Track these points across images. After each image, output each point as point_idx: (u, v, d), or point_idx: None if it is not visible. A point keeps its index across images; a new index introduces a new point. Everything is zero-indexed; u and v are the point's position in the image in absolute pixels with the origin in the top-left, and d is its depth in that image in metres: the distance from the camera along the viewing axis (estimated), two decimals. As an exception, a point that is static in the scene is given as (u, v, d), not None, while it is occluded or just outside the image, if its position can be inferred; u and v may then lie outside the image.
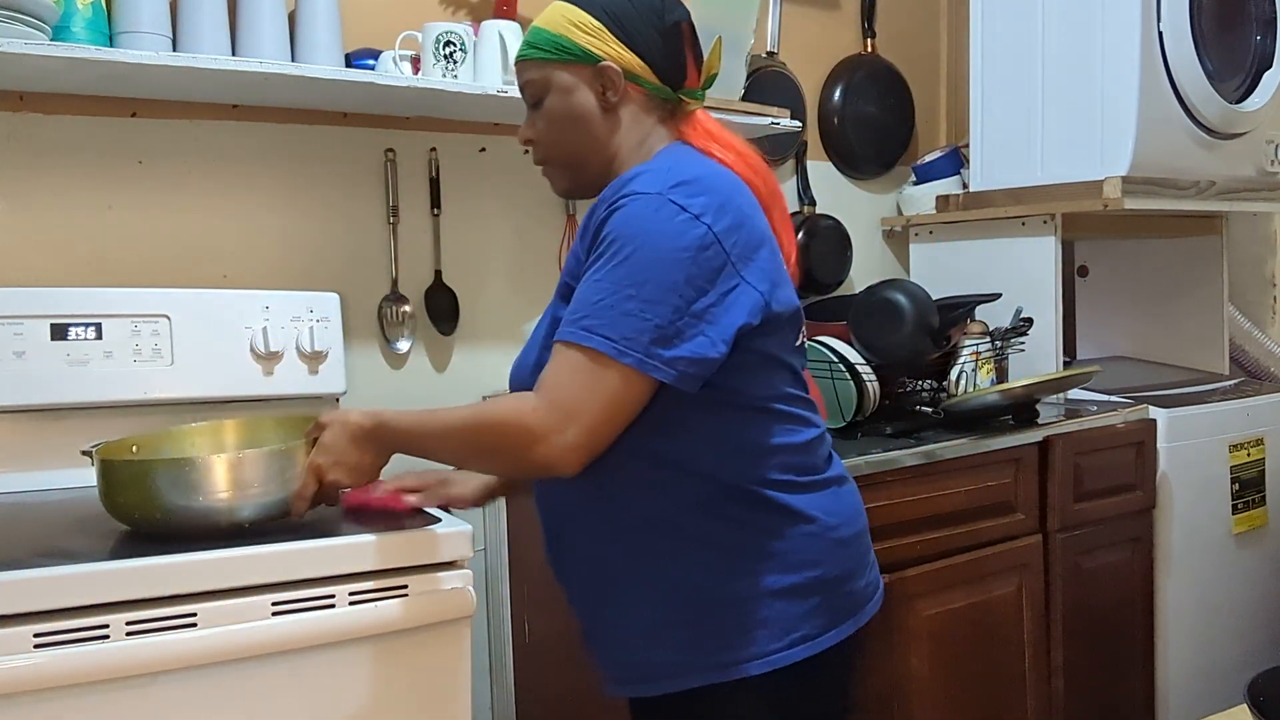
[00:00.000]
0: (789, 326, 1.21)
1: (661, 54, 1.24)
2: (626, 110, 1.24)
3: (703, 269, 1.10)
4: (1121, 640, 2.04)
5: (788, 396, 1.21)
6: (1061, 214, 2.16)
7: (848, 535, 1.23)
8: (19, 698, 1.06)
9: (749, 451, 1.17)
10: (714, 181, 1.16)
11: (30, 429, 1.58)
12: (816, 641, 1.17)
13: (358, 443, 1.21)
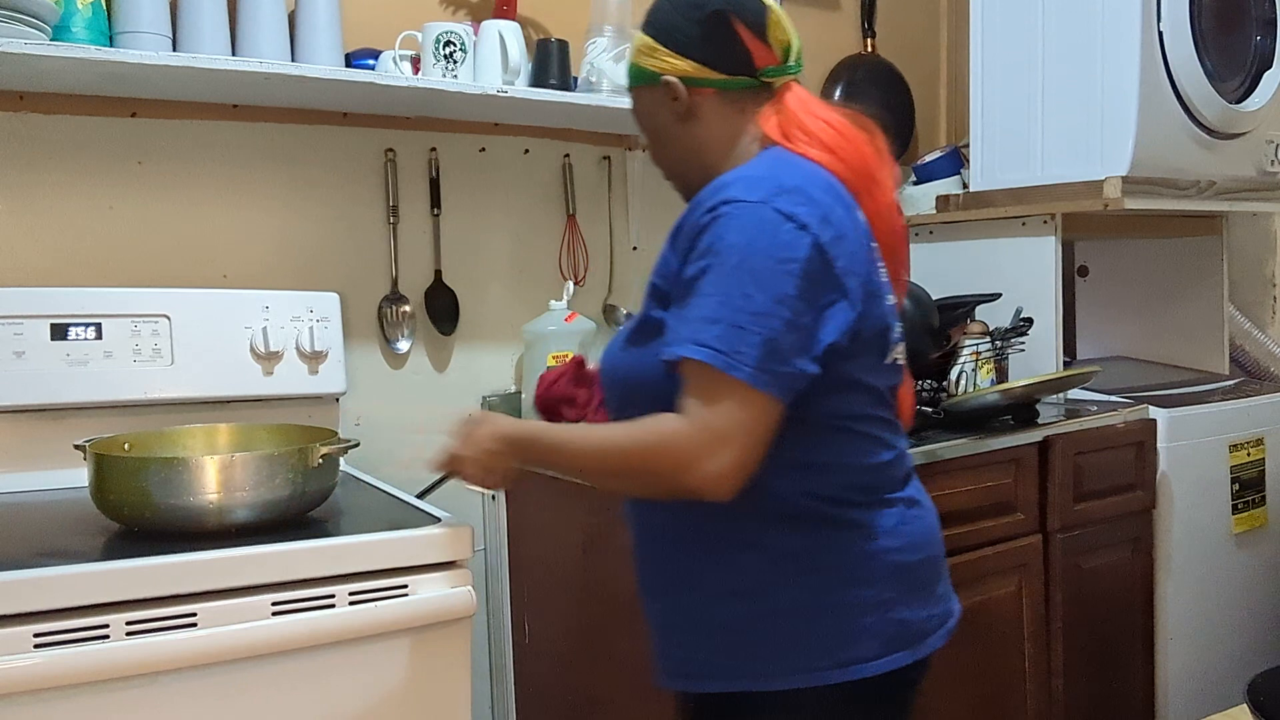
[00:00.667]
0: (874, 346, 1.17)
1: (712, 48, 1.21)
2: (702, 115, 1.23)
3: (809, 281, 1.07)
4: (1121, 640, 2.04)
5: (865, 418, 1.17)
6: (1061, 214, 2.15)
7: (911, 560, 1.18)
8: (19, 698, 1.06)
9: (815, 468, 1.15)
10: (814, 191, 1.12)
11: (30, 429, 1.58)
12: (865, 666, 1.13)
13: (500, 447, 1.21)
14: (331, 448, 1.33)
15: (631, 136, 2.18)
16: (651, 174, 2.21)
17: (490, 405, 2.02)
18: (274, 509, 1.28)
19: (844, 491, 1.15)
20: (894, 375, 1.22)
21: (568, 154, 2.13)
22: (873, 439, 1.18)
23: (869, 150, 1.22)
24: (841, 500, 1.15)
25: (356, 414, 1.90)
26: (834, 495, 1.15)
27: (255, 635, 1.17)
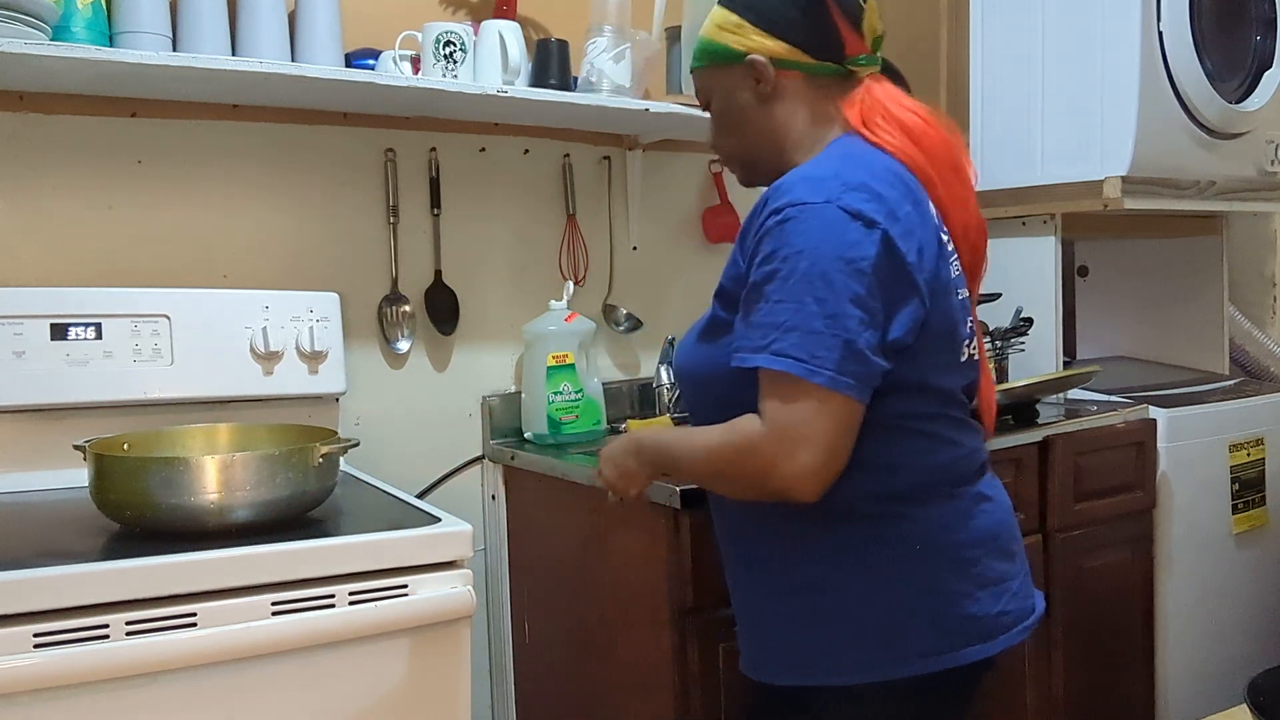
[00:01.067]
0: (943, 344, 1.16)
1: (807, 32, 1.20)
2: (786, 97, 1.22)
3: (880, 278, 1.08)
4: (1121, 640, 2.04)
5: (931, 417, 1.17)
6: (1061, 214, 2.16)
7: (977, 555, 1.17)
8: (19, 698, 1.06)
9: (877, 468, 1.14)
10: (880, 186, 1.12)
11: (30, 429, 1.58)
12: (928, 660, 1.13)
13: (632, 462, 1.29)
14: (331, 447, 1.33)
15: (631, 137, 2.18)
16: (651, 174, 2.23)
17: (490, 406, 2.02)
18: (274, 509, 1.28)
19: (906, 489, 1.15)
20: (967, 373, 1.22)
21: (568, 154, 2.13)
22: (938, 438, 1.17)
23: (952, 141, 1.21)
24: (903, 498, 1.15)
25: (356, 414, 1.90)
26: (896, 493, 1.15)
27: (255, 635, 1.17)
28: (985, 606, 1.16)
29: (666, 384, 2.16)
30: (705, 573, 1.53)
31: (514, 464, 1.94)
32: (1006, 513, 1.24)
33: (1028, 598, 1.23)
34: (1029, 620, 1.22)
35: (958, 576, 1.15)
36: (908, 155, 1.17)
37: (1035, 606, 1.24)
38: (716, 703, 1.53)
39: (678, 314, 2.27)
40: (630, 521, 1.61)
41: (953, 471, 1.18)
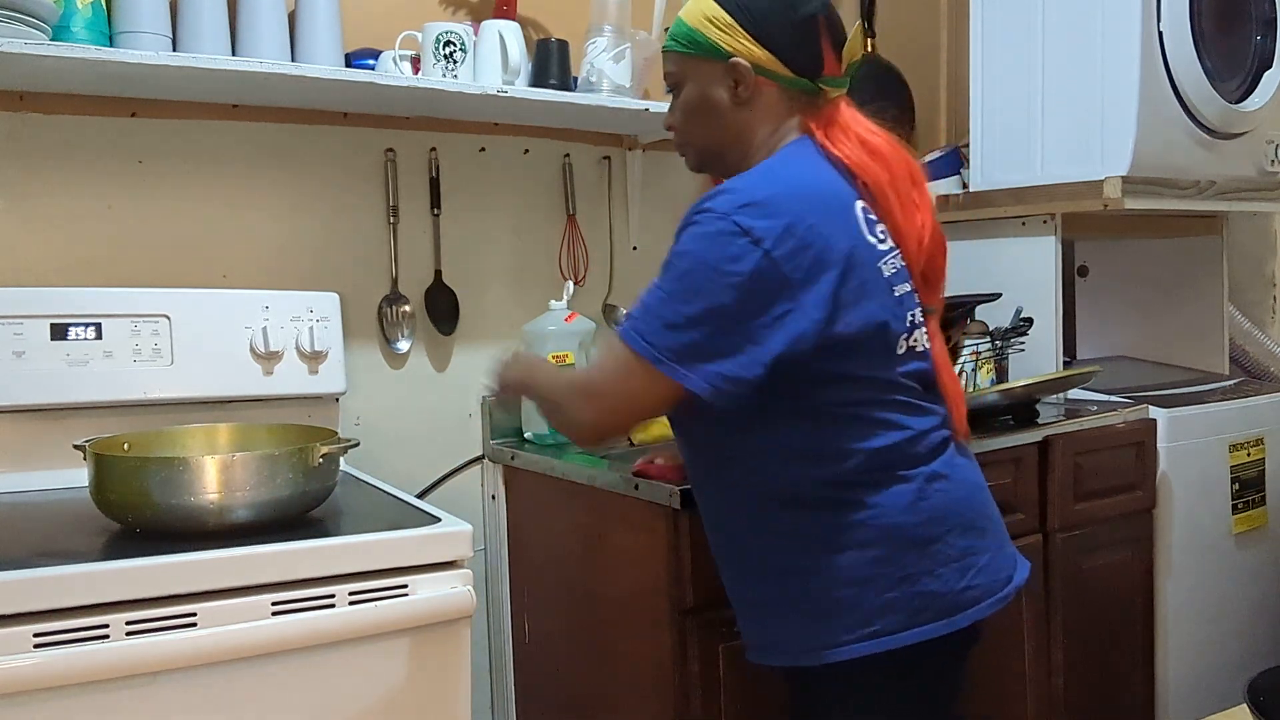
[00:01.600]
0: (869, 343, 1.21)
1: (794, 47, 1.26)
2: (759, 103, 1.28)
3: (755, 293, 1.14)
4: (1121, 640, 2.04)
5: (870, 402, 1.22)
6: (1061, 214, 2.15)
7: (932, 533, 1.22)
8: (19, 698, 1.06)
9: (821, 456, 1.22)
10: (788, 202, 1.17)
11: (30, 429, 1.58)
12: (892, 638, 1.19)
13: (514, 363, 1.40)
14: (331, 447, 1.33)
15: (631, 137, 2.19)
16: (651, 174, 2.23)
17: (490, 406, 2.02)
18: (274, 509, 1.28)
19: (853, 474, 1.21)
20: (912, 363, 1.27)
21: (568, 154, 2.13)
22: (882, 422, 1.22)
23: (910, 160, 1.29)
24: (851, 483, 1.21)
25: (356, 414, 1.90)
26: (842, 479, 1.21)
27: (255, 635, 1.17)
28: (948, 583, 1.21)
29: (666, 384, 2.15)
30: (705, 573, 1.52)
31: (514, 464, 1.94)
32: (970, 489, 1.28)
33: (1000, 571, 1.27)
34: (1003, 592, 1.26)
35: (915, 555, 1.21)
36: (861, 165, 1.25)
37: (1013, 577, 1.29)
38: (716, 703, 1.53)
39: (678, 314, 2.27)
40: (630, 522, 1.61)
41: (903, 451, 1.23)
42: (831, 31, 1.28)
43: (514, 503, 1.97)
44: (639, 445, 1.97)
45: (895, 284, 1.26)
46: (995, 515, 1.32)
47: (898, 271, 1.26)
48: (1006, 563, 1.29)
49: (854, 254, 1.20)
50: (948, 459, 1.27)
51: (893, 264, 1.26)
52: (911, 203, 1.27)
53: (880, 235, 1.25)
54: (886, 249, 1.25)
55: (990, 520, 1.30)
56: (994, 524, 1.30)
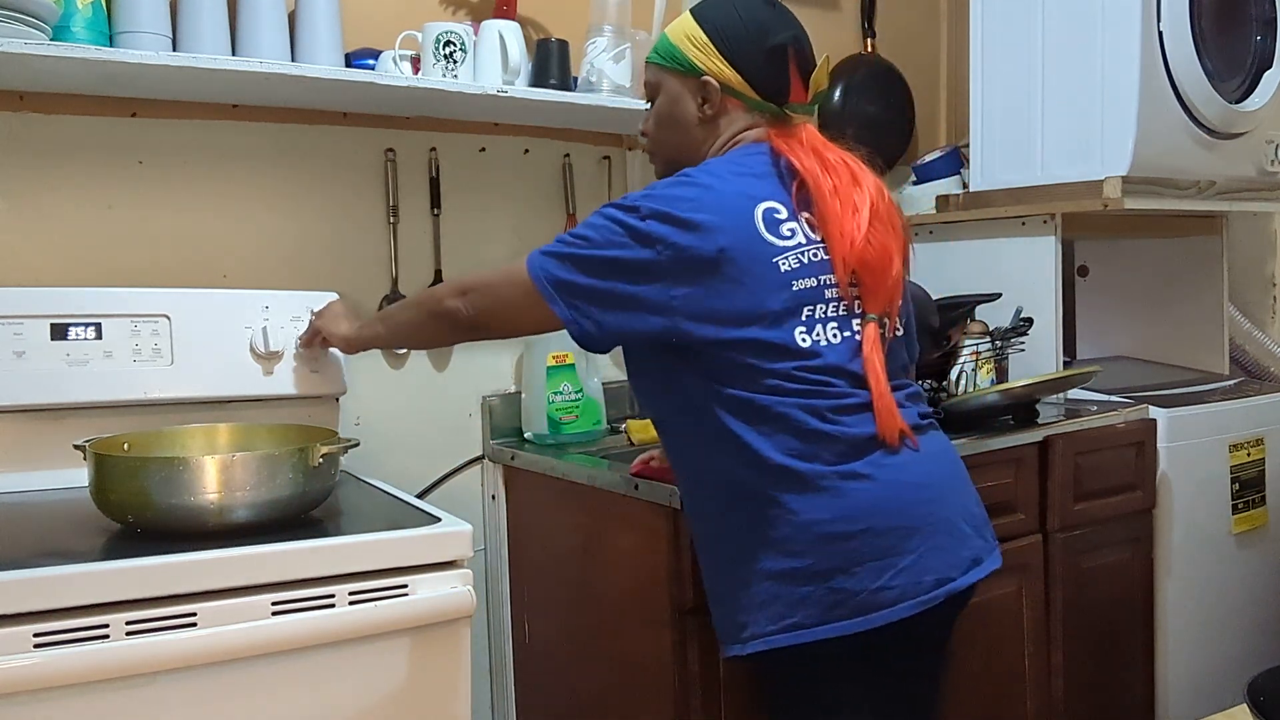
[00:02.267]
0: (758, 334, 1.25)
1: (763, 73, 1.35)
2: (724, 120, 1.38)
3: (630, 265, 1.24)
4: (1121, 640, 2.04)
5: (784, 396, 1.26)
6: (1061, 214, 2.15)
7: (844, 531, 1.24)
8: (19, 698, 1.06)
9: (749, 449, 1.26)
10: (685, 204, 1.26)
11: (30, 429, 1.58)
12: (807, 631, 1.24)
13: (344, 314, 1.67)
14: (331, 447, 1.33)
15: (631, 137, 2.19)
16: (651, 174, 2.21)
17: (490, 406, 2.03)
18: (274, 509, 1.28)
19: (772, 470, 1.25)
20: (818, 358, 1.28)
21: (568, 154, 2.13)
22: (792, 419, 1.25)
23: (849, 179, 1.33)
24: (772, 478, 1.26)
25: (356, 414, 1.90)
26: (763, 474, 1.26)
27: (255, 635, 1.17)
28: (863, 581, 1.23)
29: (666, 384, 2.16)
30: (705, 573, 1.53)
31: (514, 464, 1.94)
32: (897, 489, 1.27)
33: (927, 572, 1.26)
34: (928, 594, 1.25)
35: (830, 552, 1.24)
36: (805, 167, 1.32)
37: (951, 580, 1.27)
38: (716, 703, 1.53)
39: (678, 314, 2.27)
40: (630, 522, 1.61)
41: (818, 450, 1.26)
42: (800, 61, 1.36)
43: (514, 503, 1.97)
44: (638, 444, 1.97)
45: (797, 278, 1.28)
46: (937, 514, 1.30)
47: (806, 265, 1.29)
48: (939, 563, 1.27)
49: (735, 248, 1.25)
50: (874, 459, 1.27)
51: (797, 259, 1.28)
52: (850, 205, 1.31)
53: (786, 233, 1.29)
54: (792, 245, 1.29)
55: (925, 520, 1.28)
56: (930, 524, 1.28)
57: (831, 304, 1.30)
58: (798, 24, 1.38)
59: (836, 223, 1.30)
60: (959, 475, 1.38)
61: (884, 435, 1.28)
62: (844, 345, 1.30)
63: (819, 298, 1.29)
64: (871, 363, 1.29)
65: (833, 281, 1.30)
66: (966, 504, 1.36)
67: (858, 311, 1.32)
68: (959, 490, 1.36)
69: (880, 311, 1.33)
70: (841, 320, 1.31)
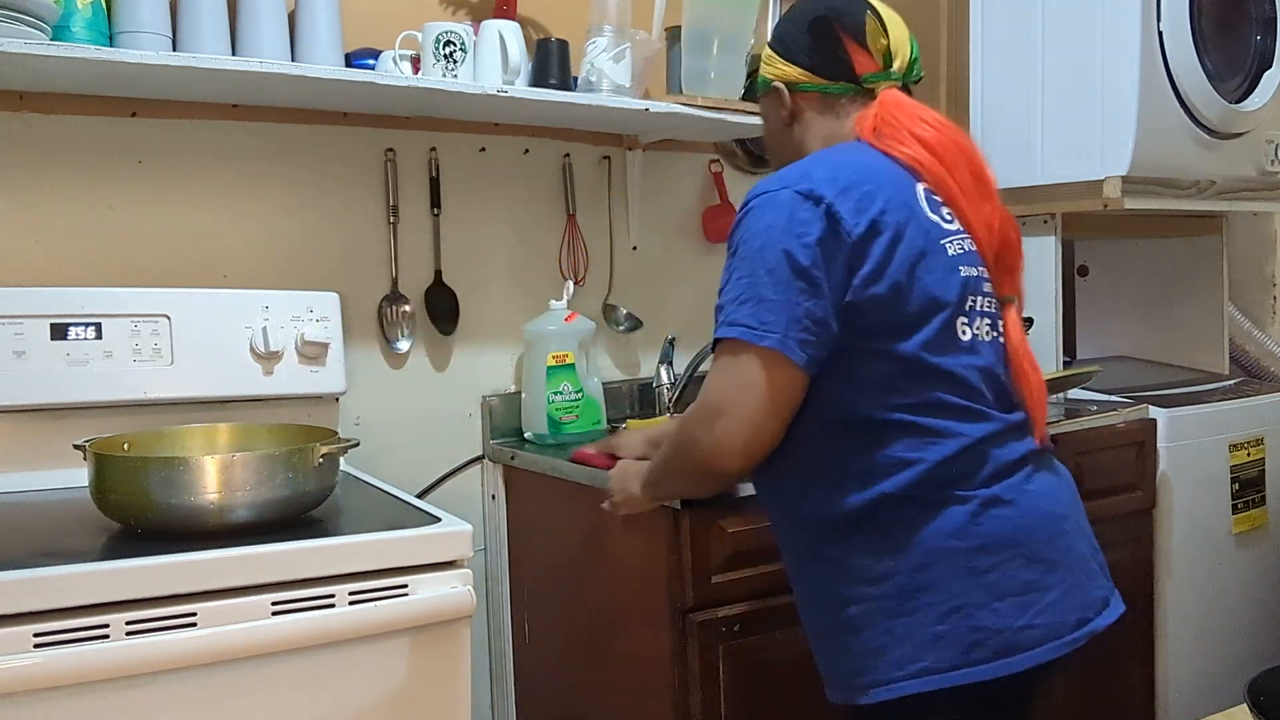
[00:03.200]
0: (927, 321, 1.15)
1: (814, 54, 1.29)
2: (805, 117, 1.33)
3: (826, 250, 1.13)
4: (1121, 640, 2.04)
5: (926, 405, 1.14)
6: (1061, 214, 2.15)
7: (989, 562, 1.11)
8: (19, 698, 1.06)
9: (866, 472, 1.14)
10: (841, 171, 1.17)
11: (30, 429, 1.58)
12: (942, 676, 1.09)
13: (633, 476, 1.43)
14: (331, 447, 1.33)
15: (631, 137, 2.19)
16: (651, 174, 2.23)
17: (490, 405, 2.02)
18: (274, 509, 1.28)
19: (907, 491, 1.13)
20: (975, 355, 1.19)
21: (568, 154, 2.13)
22: (935, 431, 1.14)
23: (966, 145, 1.25)
24: (904, 501, 1.13)
25: (356, 414, 1.90)
26: (887, 497, 1.13)
27: (255, 635, 1.17)
28: (1006, 619, 1.10)
29: (666, 384, 2.16)
30: (705, 573, 1.53)
31: (514, 464, 1.94)
32: (1036, 518, 1.16)
33: (1070, 611, 1.14)
34: (1071, 635, 1.13)
35: (968, 585, 1.11)
36: (914, 159, 1.22)
37: (1090, 620, 1.16)
38: (716, 703, 1.53)
39: (678, 314, 2.27)
40: (630, 521, 1.61)
41: (957, 468, 1.13)
42: (849, 31, 1.28)
43: (514, 503, 1.97)
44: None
45: (961, 265, 1.20)
46: (1074, 548, 1.18)
47: (965, 254, 1.21)
48: (1080, 603, 1.16)
49: (911, 224, 1.17)
50: (1015, 483, 1.16)
51: (959, 244, 1.21)
52: (975, 192, 1.23)
53: (947, 216, 1.21)
54: (954, 229, 1.21)
55: (1065, 553, 1.16)
56: (1069, 558, 1.16)
57: (983, 295, 1.22)
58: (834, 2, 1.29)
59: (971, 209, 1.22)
60: (1081, 506, 1.26)
61: (1040, 437, 1.22)
62: (992, 339, 1.22)
63: (978, 288, 1.22)
64: (1022, 349, 1.22)
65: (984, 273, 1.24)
66: (1091, 538, 1.24)
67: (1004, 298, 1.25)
68: (1084, 522, 1.25)
69: (1015, 293, 1.27)
70: (988, 310, 1.23)
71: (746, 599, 1.56)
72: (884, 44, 1.28)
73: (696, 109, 1.93)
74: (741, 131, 2.15)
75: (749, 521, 1.56)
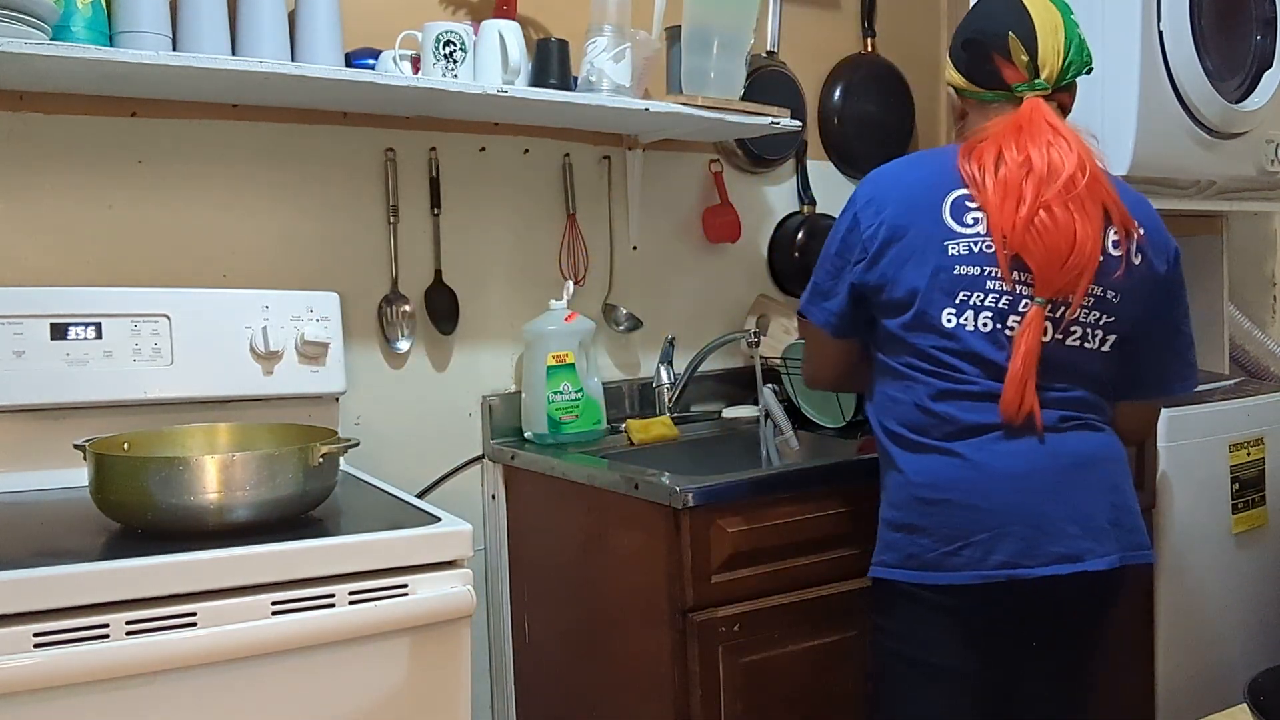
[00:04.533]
0: (912, 310, 1.42)
1: (970, 66, 1.51)
2: (971, 117, 1.54)
3: (846, 244, 1.49)
4: (1121, 640, 2.04)
5: (919, 368, 1.43)
6: (1061, 214, 2.15)
7: (932, 498, 1.40)
8: (19, 698, 1.06)
9: (885, 401, 1.48)
10: (882, 178, 1.51)
11: (30, 429, 1.58)
12: (888, 570, 1.44)
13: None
14: (331, 447, 1.33)
15: (631, 136, 2.19)
16: (651, 174, 2.23)
17: (490, 405, 2.03)
18: (274, 508, 1.28)
19: (899, 427, 1.45)
20: (958, 340, 1.40)
21: (568, 154, 2.13)
22: (923, 385, 1.42)
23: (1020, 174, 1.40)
24: (897, 435, 1.45)
25: (356, 413, 1.90)
26: (894, 430, 1.46)
27: (255, 635, 1.17)
28: (936, 545, 1.40)
29: (666, 383, 2.16)
30: (705, 573, 1.53)
31: (514, 464, 1.94)
32: (987, 474, 1.39)
33: (998, 552, 1.37)
34: (990, 572, 1.37)
35: (918, 512, 1.41)
36: (968, 174, 1.44)
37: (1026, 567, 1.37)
38: (716, 703, 1.53)
39: (678, 313, 2.27)
40: (630, 522, 1.61)
41: (937, 421, 1.41)
42: (995, 46, 1.47)
43: (514, 503, 1.97)
44: (638, 444, 1.98)
45: (959, 264, 1.41)
46: (1024, 507, 1.38)
47: (971, 255, 1.41)
48: (1009, 550, 1.37)
49: (913, 229, 1.43)
50: (979, 443, 1.39)
51: (968, 246, 1.41)
52: (1016, 197, 1.39)
53: (970, 221, 1.42)
54: (970, 232, 1.42)
55: (1005, 508, 1.38)
56: (1019, 513, 1.38)
57: (985, 292, 1.41)
58: (1004, 13, 1.47)
59: (998, 215, 1.39)
60: (1085, 478, 1.43)
61: (1004, 411, 1.38)
62: (989, 330, 1.40)
63: (978, 285, 1.41)
64: (1019, 341, 1.38)
65: (996, 273, 1.41)
66: (1084, 505, 1.41)
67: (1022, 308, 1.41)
68: (1079, 491, 1.41)
69: (1052, 295, 1.39)
70: (991, 306, 1.41)
71: (746, 599, 1.56)
72: (1025, 59, 1.45)
73: (696, 109, 1.93)
74: (741, 131, 2.15)
75: (749, 521, 1.56)
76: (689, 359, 2.18)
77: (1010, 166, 1.40)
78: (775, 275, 2.42)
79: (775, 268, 2.42)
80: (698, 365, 2.18)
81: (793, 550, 1.61)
